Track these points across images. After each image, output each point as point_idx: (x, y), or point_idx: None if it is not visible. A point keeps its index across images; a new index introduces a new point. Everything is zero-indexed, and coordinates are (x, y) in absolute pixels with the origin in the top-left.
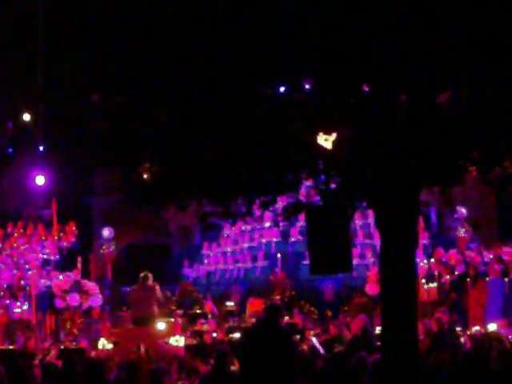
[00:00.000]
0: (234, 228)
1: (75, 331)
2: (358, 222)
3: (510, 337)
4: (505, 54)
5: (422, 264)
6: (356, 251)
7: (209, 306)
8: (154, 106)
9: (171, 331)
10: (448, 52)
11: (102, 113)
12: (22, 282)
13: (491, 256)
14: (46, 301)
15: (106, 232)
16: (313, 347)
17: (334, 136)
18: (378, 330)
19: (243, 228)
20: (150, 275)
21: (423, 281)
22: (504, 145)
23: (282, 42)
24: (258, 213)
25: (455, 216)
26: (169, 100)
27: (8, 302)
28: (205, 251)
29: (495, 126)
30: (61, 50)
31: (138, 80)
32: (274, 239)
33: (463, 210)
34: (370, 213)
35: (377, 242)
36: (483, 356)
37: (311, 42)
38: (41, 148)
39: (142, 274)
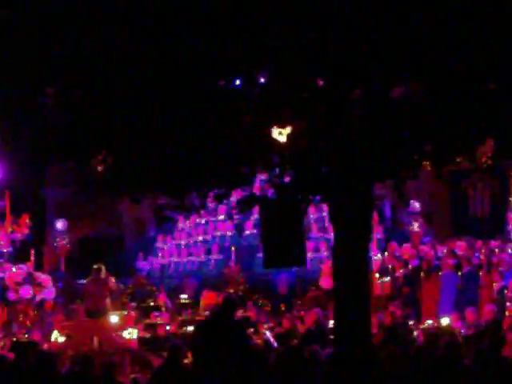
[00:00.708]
0: (188, 221)
1: (28, 323)
2: (312, 215)
3: (462, 331)
4: (457, 50)
5: (375, 258)
6: (310, 245)
7: (162, 298)
8: (108, 99)
9: (124, 324)
10: (401, 47)
11: (56, 105)
12: None
13: (444, 250)
14: None
15: (60, 224)
16: (266, 341)
17: (288, 130)
18: (331, 323)
19: (197, 221)
20: (102, 267)
21: (377, 275)
22: (457, 140)
23: (237, 35)
24: (212, 206)
25: (409, 210)
26: (123, 94)
27: None
28: (159, 244)
29: (448, 121)
30: (14, 44)
31: (91, 74)
32: (228, 232)
33: (417, 205)
34: (325, 206)
35: (331, 235)
36: (435, 350)
37: (267, 36)
38: None
39: (95, 267)
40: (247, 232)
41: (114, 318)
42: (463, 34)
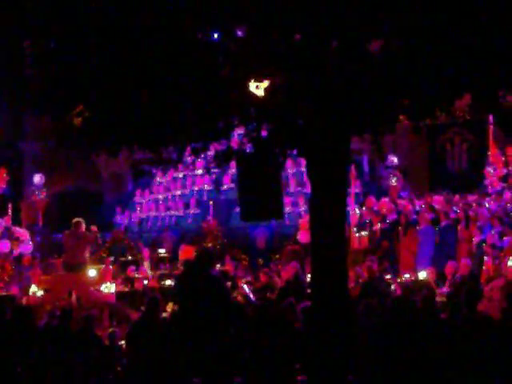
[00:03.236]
0: (166, 175)
1: (5, 278)
2: (290, 170)
3: (440, 285)
4: (435, 1)
5: (353, 212)
6: (288, 199)
7: (146, 253)
8: (84, 50)
9: (102, 278)
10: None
11: (32, 56)
12: None
13: (422, 205)
14: None
15: (37, 178)
16: (244, 295)
17: (265, 83)
18: (309, 277)
19: (175, 175)
20: (82, 222)
21: (354, 229)
22: (434, 94)
23: None
24: (189, 160)
25: (386, 164)
26: (99, 45)
27: None
28: (137, 198)
29: (425, 75)
30: None
31: (68, 25)
32: (206, 186)
33: (394, 159)
34: (303, 161)
35: (309, 190)
36: (411, 303)
37: None
38: None
39: (74, 220)
40: (225, 186)
41: (92, 272)
42: None
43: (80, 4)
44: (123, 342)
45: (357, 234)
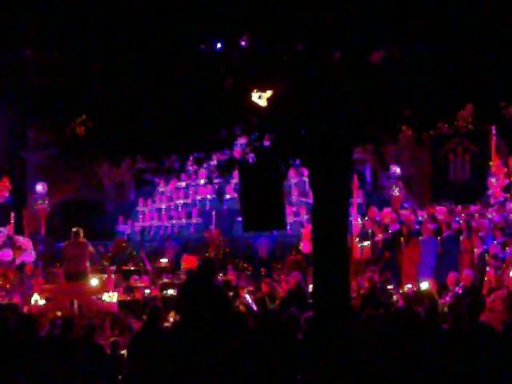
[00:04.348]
0: (168, 185)
1: (8, 286)
2: (292, 179)
3: (441, 296)
4: (438, 12)
5: (355, 222)
6: (290, 209)
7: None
8: (87, 61)
9: (104, 287)
10: (381, 10)
11: (35, 66)
12: None
13: (425, 215)
14: None
15: (40, 187)
16: (246, 304)
17: (268, 93)
18: (311, 287)
19: (178, 185)
20: (81, 231)
21: (357, 239)
22: (437, 104)
23: None
24: (192, 169)
25: (389, 175)
26: (102, 56)
27: None
28: (139, 208)
29: (428, 86)
30: None
31: (71, 34)
32: (209, 196)
33: (397, 169)
34: (306, 171)
35: (311, 199)
36: (413, 314)
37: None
38: None
39: (73, 230)
40: (227, 196)
41: (94, 282)
42: None
43: (85, 15)
44: (125, 352)
45: (359, 245)
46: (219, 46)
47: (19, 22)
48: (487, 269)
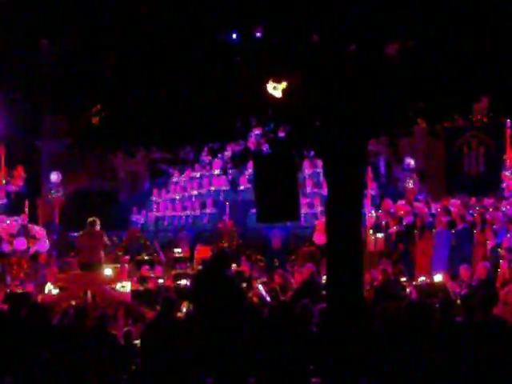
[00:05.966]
0: (183, 175)
1: (22, 276)
2: (307, 171)
3: (456, 289)
4: (453, 3)
5: (369, 214)
6: (304, 200)
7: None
8: (103, 50)
9: (118, 277)
10: (396, 1)
11: (51, 56)
12: None
13: (438, 208)
14: None
15: (54, 176)
16: (260, 296)
17: (283, 84)
18: (324, 279)
19: (192, 175)
20: (97, 221)
21: (370, 231)
22: (452, 97)
23: None
24: (207, 160)
25: (403, 167)
26: (118, 44)
27: None
28: (153, 198)
29: (443, 78)
30: None
31: (87, 24)
32: (223, 187)
33: (411, 162)
34: (320, 162)
35: (326, 191)
36: (428, 305)
37: None
38: None
39: (89, 220)
40: (242, 187)
41: (107, 271)
42: None
43: (100, 4)
44: (138, 342)
45: (373, 237)
46: (234, 36)
47: (35, 9)
48: (500, 262)
